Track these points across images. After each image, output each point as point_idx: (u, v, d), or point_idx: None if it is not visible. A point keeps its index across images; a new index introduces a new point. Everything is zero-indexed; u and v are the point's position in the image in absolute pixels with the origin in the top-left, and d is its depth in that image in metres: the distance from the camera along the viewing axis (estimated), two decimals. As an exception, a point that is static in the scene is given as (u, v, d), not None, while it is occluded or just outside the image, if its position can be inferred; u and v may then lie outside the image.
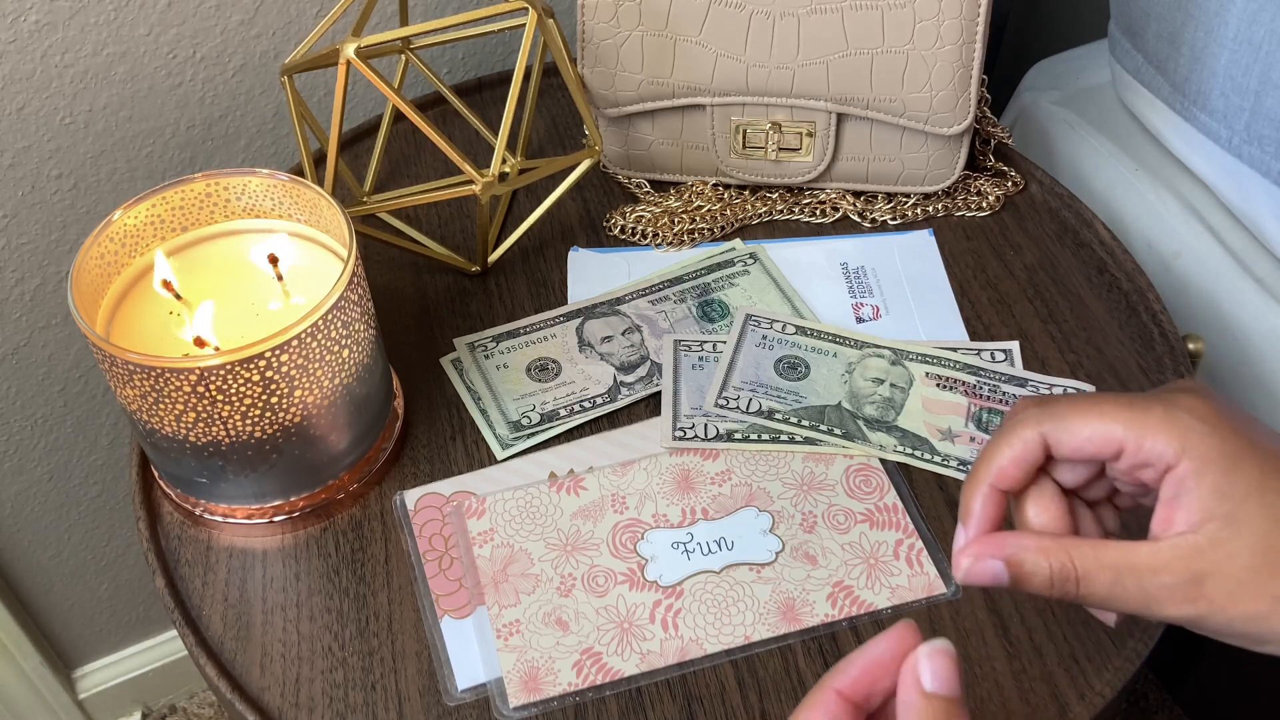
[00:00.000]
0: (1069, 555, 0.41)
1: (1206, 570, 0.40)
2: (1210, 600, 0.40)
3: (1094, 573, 0.41)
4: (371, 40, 0.63)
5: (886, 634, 0.38)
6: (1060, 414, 0.42)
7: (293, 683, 0.55)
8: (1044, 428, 0.42)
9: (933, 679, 0.37)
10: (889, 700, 0.38)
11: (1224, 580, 0.39)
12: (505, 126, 0.65)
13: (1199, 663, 1.05)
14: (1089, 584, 0.41)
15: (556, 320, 0.69)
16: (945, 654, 0.37)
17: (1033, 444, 0.43)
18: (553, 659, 0.54)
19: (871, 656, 0.38)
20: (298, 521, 0.60)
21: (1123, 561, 0.41)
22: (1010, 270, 0.71)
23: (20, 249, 0.83)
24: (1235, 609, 0.40)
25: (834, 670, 0.38)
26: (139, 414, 0.55)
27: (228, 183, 0.60)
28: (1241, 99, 0.72)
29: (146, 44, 0.78)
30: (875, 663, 0.38)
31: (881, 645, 0.38)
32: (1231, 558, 0.39)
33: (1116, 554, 0.41)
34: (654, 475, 0.61)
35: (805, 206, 0.75)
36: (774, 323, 0.67)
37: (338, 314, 0.54)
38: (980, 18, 0.66)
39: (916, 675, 0.37)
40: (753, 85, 0.70)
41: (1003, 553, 0.42)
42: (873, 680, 0.38)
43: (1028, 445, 0.43)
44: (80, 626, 1.11)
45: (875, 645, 0.38)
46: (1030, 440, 0.43)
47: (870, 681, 0.38)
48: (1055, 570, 0.41)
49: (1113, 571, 0.41)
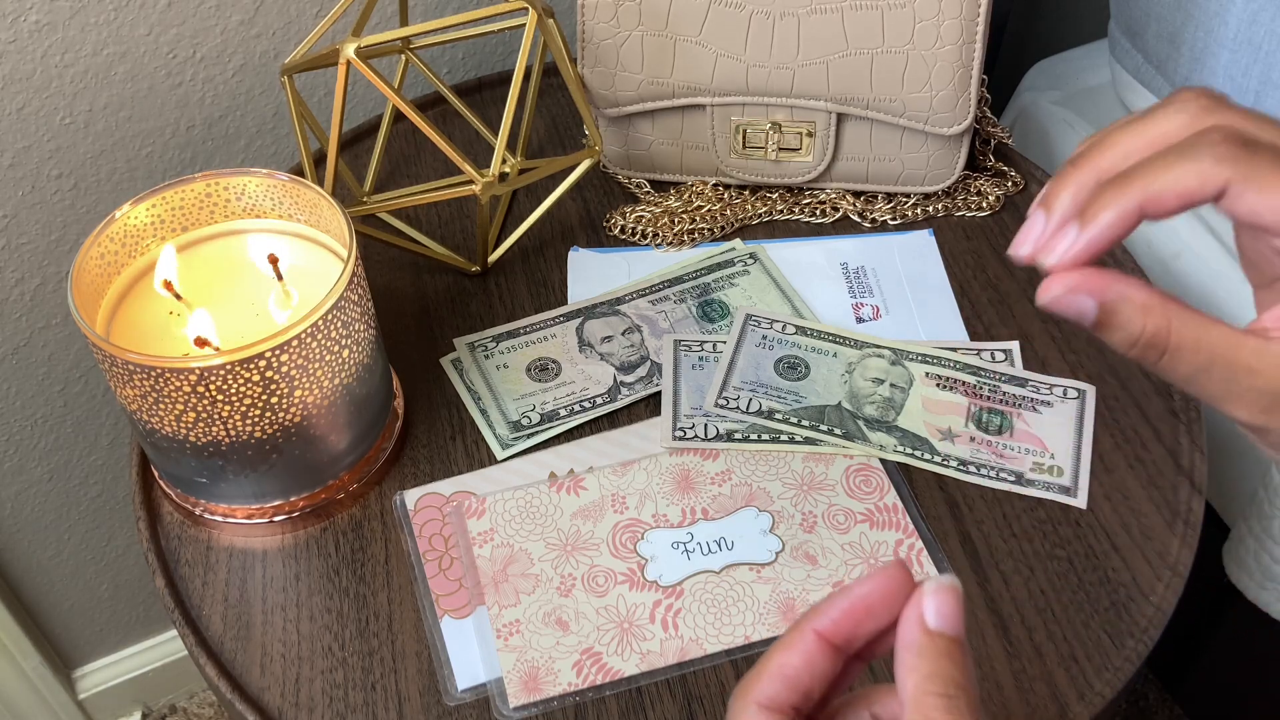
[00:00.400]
0: (1169, 323, 0.36)
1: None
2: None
3: (1187, 351, 0.36)
4: (371, 40, 0.63)
5: (874, 574, 0.36)
6: (1261, 170, 0.35)
7: (293, 683, 0.55)
8: (1237, 174, 0.35)
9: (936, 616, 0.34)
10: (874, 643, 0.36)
11: None
12: (505, 126, 0.65)
13: (1199, 663, 1.05)
14: (1174, 359, 0.36)
15: (556, 320, 0.69)
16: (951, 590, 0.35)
17: (1212, 186, 0.35)
18: (553, 659, 0.54)
19: (856, 598, 0.35)
20: (298, 521, 0.60)
21: (1222, 350, 0.36)
22: (1010, 270, 0.71)
23: (20, 249, 0.83)
24: None
25: (814, 610, 0.36)
26: (139, 414, 0.55)
27: (228, 183, 0.60)
28: (1241, 99, 0.72)
29: (146, 44, 0.78)
30: (859, 604, 0.35)
31: (867, 586, 0.35)
32: None
33: (1219, 339, 0.36)
34: (654, 475, 0.61)
35: (805, 206, 0.75)
36: (774, 323, 0.67)
37: (338, 314, 0.54)
38: (980, 18, 0.66)
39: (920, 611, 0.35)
40: (753, 85, 0.70)
41: (1106, 295, 0.36)
42: (855, 623, 0.35)
43: (1206, 184, 0.35)
44: (80, 626, 1.11)
45: (860, 586, 0.35)
46: (1213, 180, 0.35)
47: (853, 624, 0.35)
48: (1148, 333, 0.36)
49: (1207, 357, 0.36)
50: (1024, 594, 0.57)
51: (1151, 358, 0.37)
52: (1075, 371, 0.66)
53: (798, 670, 0.35)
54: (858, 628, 0.35)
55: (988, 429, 0.62)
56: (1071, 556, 0.58)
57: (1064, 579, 0.57)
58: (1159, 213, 0.36)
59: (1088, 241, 0.37)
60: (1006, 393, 0.64)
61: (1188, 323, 0.36)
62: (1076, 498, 0.60)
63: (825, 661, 0.35)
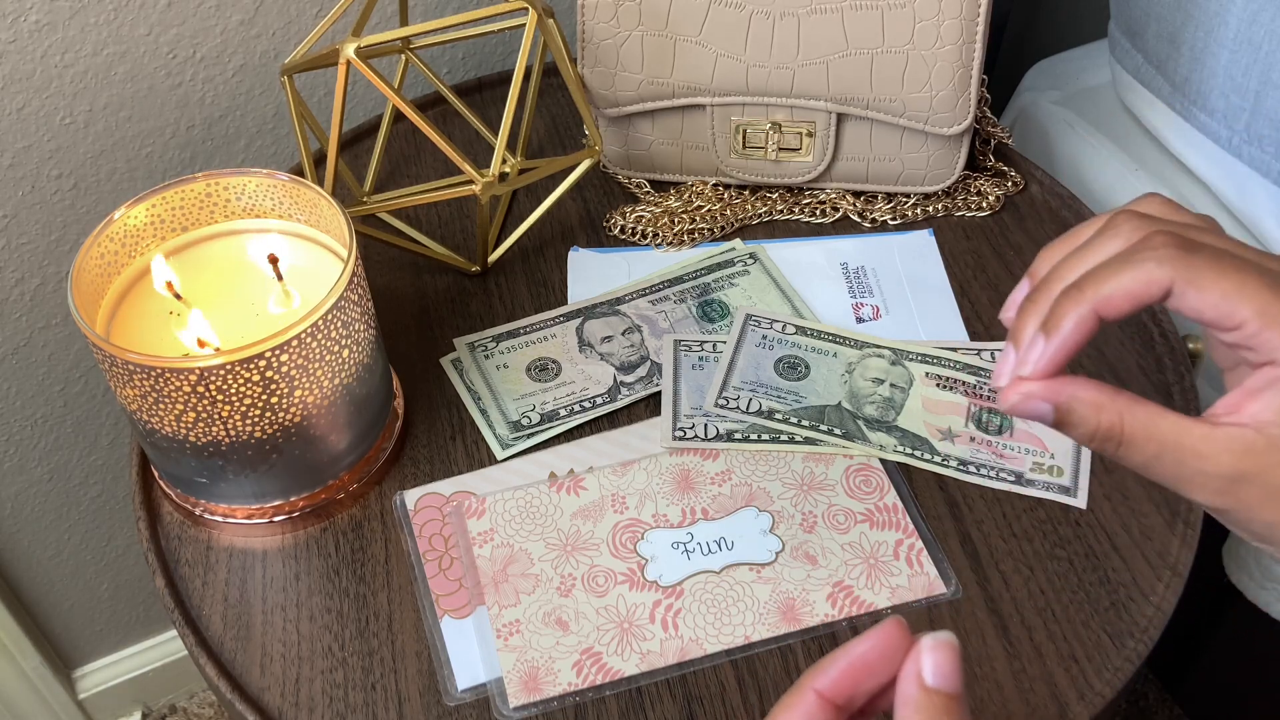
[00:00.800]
0: (1121, 417, 0.40)
1: (1251, 472, 0.38)
2: (1241, 500, 0.39)
3: (1140, 441, 0.39)
4: (371, 40, 0.63)
5: (872, 632, 0.36)
6: (1199, 270, 0.38)
7: (293, 683, 0.55)
8: (1178, 275, 0.38)
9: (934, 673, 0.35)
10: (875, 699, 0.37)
11: (1263, 487, 0.38)
12: (505, 126, 0.65)
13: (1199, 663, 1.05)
14: (1130, 449, 0.40)
15: (556, 320, 0.69)
16: (949, 647, 0.35)
17: (1157, 287, 0.39)
18: (553, 659, 0.54)
19: (854, 656, 0.36)
20: (298, 521, 0.60)
21: (1172, 438, 0.39)
22: (1010, 270, 0.71)
23: (20, 249, 0.83)
24: (1262, 515, 0.39)
25: (814, 669, 0.36)
26: (139, 414, 0.55)
27: (228, 183, 0.60)
28: (1241, 99, 0.72)
29: (146, 44, 0.78)
30: (858, 663, 0.36)
31: (866, 644, 0.36)
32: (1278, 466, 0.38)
33: (1168, 428, 0.39)
34: (654, 475, 0.61)
35: (805, 206, 0.75)
36: (774, 323, 0.67)
37: (338, 314, 0.54)
38: (980, 18, 0.66)
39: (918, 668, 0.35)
40: (753, 85, 0.70)
41: (1057, 398, 0.40)
42: (855, 681, 0.36)
43: (1151, 285, 0.39)
44: (80, 626, 1.11)
45: (859, 644, 0.36)
46: (1157, 283, 0.39)
47: (853, 683, 0.36)
48: (1102, 428, 0.40)
49: (1158, 446, 0.39)
50: (1024, 594, 0.57)
51: (1110, 449, 0.40)
52: (1075, 371, 0.65)
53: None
54: (857, 686, 0.36)
55: (988, 429, 0.62)
56: (1071, 556, 0.58)
57: (1064, 579, 0.57)
58: (1113, 315, 0.40)
59: (1055, 349, 0.40)
60: (1006, 393, 0.64)
61: (1138, 415, 0.40)
62: (1076, 498, 0.60)
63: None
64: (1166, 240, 0.40)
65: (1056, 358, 0.41)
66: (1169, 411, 0.39)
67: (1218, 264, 0.39)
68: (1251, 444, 0.38)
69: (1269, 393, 0.38)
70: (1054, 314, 0.41)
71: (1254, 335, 0.38)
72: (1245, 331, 0.38)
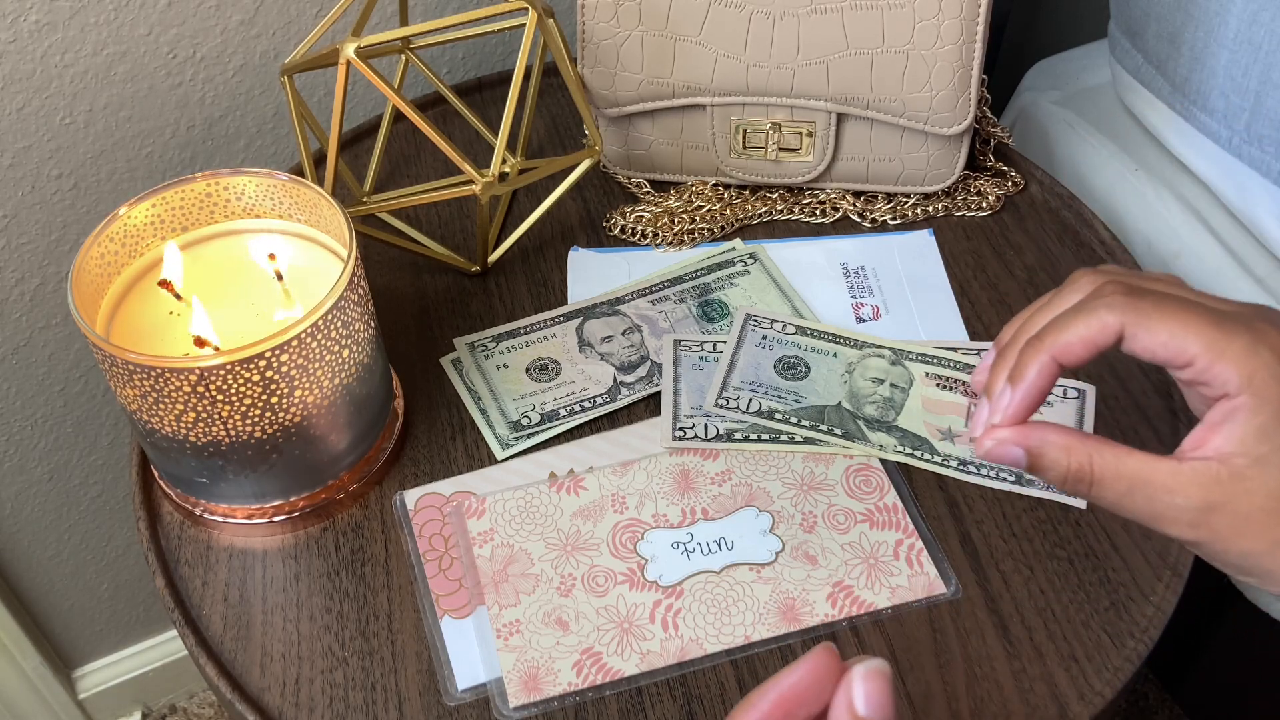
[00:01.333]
0: (1090, 458, 0.42)
1: (1220, 502, 0.40)
2: (1214, 530, 0.40)
3: (1109, 480, 0.41)
4: (371, 40, 0.63)
5: (803, 661, 0.36)
6: (1145, 312, 0.41)
7: (293, 683, 0.55)
8: (1126, 319, 0.41)
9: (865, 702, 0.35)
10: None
11: (1233, 515, 0.40)
12: (505, 126, 0.65)
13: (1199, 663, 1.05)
14: (1101, 488, 0.42)
15: (556, 320, 0.69)
16: (879, 674, 0.36)
17: (1110, 331, 0.42)
18: (553, 659, 0.54)
19: (785, 687, 0.36)
20: (298, 521, 0.60)
21: (1140, 475, 0.41)
22: (1010, 270, 0.71)
23: (20, 249, 0.83)
24: (1236, 544, 0.40)
25: (745, 702, 0.36)
26: (139, 414, 0.55)
27: (228, 183, 0.60)
28: (1241, 99, 0.72)
29: (146, 44, 0.78)
30: (789, 693, 0.36)
31: (796, 674, 0.36)
32: (1247, 495, 0.40)
33: (1136, 466, 0.41)
34: (654, 475, 0.61)
35: (805, 206, 0.75)
36: (774, 323, 0.67)
37: (338, 314, 0.54)
38: (980, 18, 0.66)
39: (849, 697, 0.35)
40: (753, 85, 0.70)
41: (1028, 442, 0.43)
42: (787, 711, 0.36)
43: (1105, 330, 0.42)
44: (80, 626, 1.11)
45: (790, 675, 0.36)
46: (1110, 326, 0.42)
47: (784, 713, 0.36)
48: (1073, 469, 0.42)
49: (1128, 483, 0.41)
50: (1024, 594, 0.57)
51: (1082, 490, 0.42)
52: (1075, 371, 0.66)
53: None
54: (790, 716, 0.36)
55: (988, 429, 0.62)
56: (1071, 556, 0.58)
57: (1064, 579, 0.57)
58: (1071, 361, 0.43)
59: (1021, 396, 0.43)
60: (1006, 393, 0.64)
61: (1106, 455, 0.42)
62: (1076, 498, 0.60)
63: None
64: (1116, 288, 0.43)
65: (1024, 404, 0.43)
66: (1136, 451, 0.42)
67: (1163, 306, 0.41)
68: (1216, 475, 0.40)
69: (1227, 425, 0.40)
70: (1019, 364, 0.43)
71: (1205, 370, 0.40)
72: (1197, 367, 0.41)
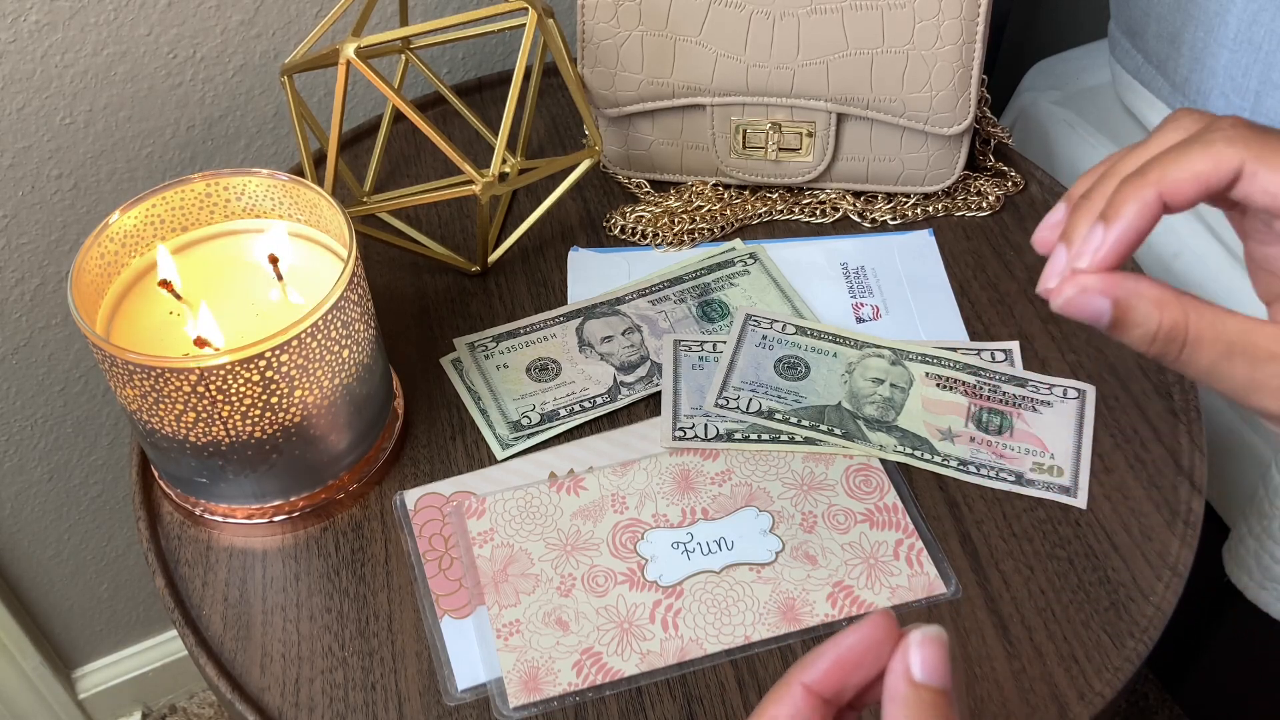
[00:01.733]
0: (1186, 315, 0.36)
1: None
2: None
3: (1206, 341, 0.36)
4: (371, 40, 0.63)
5: (860, 625, 0.35)
6: (1270, 147, 0.36)
7: (293, 683, 0.55)
8: (1250, 154, 0.36)
9: (922, 668, 0.34)
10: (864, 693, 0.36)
11: None
12: (505, 126, 0.65)
13: (1199, 663, 1.05)
14: (1195, 351, 0.37)
15: (556, 320, 0.69)
16: (937, 642, 0.34)
17: (1228, 168, 0.36)
18: (553, 659, 0.54)
19: (843, 649, 0.35)
20: (298, 521, 0.60)
21: (1241, 339, 0.36)
22: (1010, 270, 0.71)
23: (20, 249, 0.83)
24: None
25: (801, 663, 0.36)
26: (139, 414, 0.55)
27: (228, 183, 0.60)
28: (1241, 99, 0.72)
29: (146, 44, 0.78)
30: (847, 656, 0.35)
31: (854, 637, 0.35)
32: None
33: (1236, 328, 0.36)
34: (654, 475, 0.61)
35: (805, 206, 0.75)
36: (774, 323, 0.67)
37: (338, 314, 0.54)
38: (980, 18, 0.66)
39: (906, 663, 0.34)
40: (753, 85, 0.70)
41: (1117, 292, 0.37)
42: (844, 675, 0.35)
43: (1222, 167, 0.36)
44: (80, 626, 1.11)
45: (847, 637, 0.35)
46: (1227, 162, 0.36)
47: (841, 676, 0.35)
48: (1165, 328, 0.36)
49: (1226, 346, 0.36)
50: (1024, 594, 0.57)
51: (1172, 352, 0.37)
52: (1075, 371, 0.66)
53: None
54: (846, 679, 0.35)
55: (988, 429, 0.62)
56: (1071, 556, 0.58)
57: (1064, 579, 0.57)
58: (1179, 201, 0.37)
59: (1116, 237, 0.37)
60: (1006, 393, 0.64)
61: (1204, 314, 0.36)
62: (1076, 498, 0.60)
63: (815, 714, 0.35)
64: (1235, 122, 0.37)
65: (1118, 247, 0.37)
66: (1235, 312, 0.37)
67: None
68: None
69: None
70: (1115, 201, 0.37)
71: None
72: None
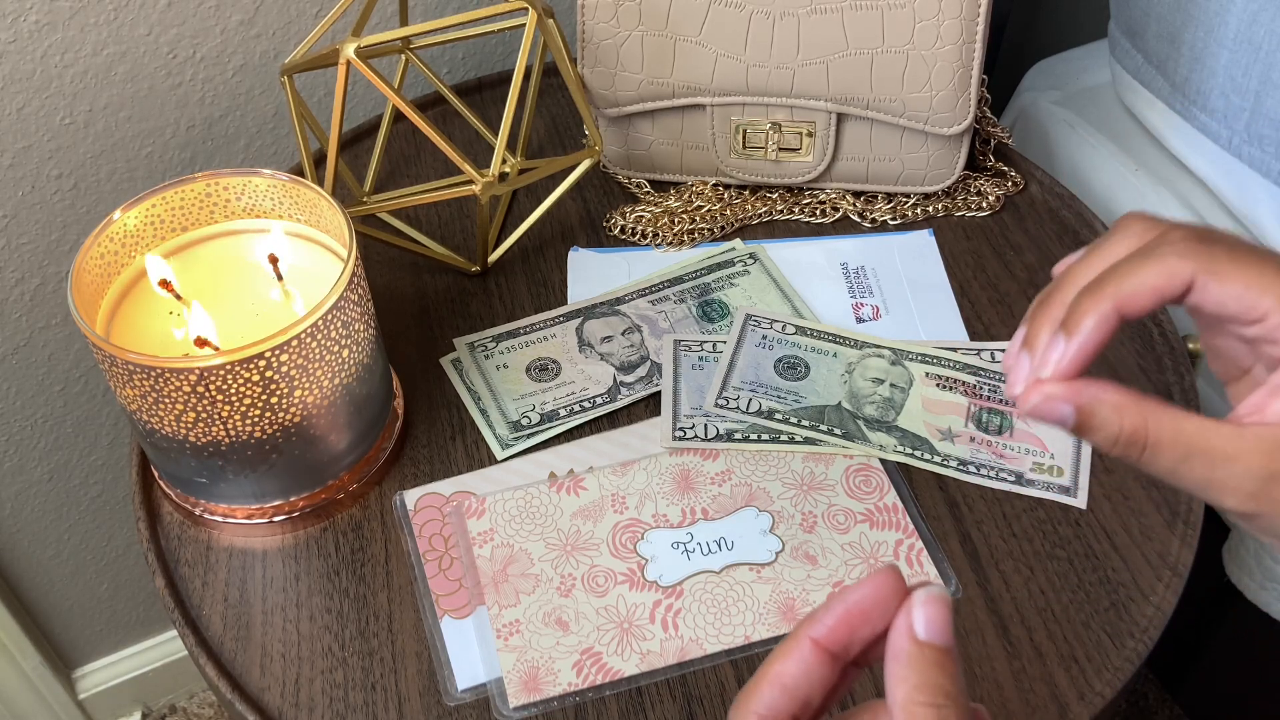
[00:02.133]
0: (1145, 420, 0.38)
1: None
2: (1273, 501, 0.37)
3: (1165, 445, 0.38)
4: (371, 40, 0.63)
5: (868, 580, 0.36)
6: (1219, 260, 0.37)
7: (293, 683, 0.55)
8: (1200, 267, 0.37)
9: (926, 626, 0.35)
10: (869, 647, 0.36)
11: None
12: (505, 126, 0.65)
13: (1199, 663, 1.05)
14: (1155, 454, 0.38)
15: (556, 320, 0.69)
16: (940, 600, 0.35)
17: (1179, 280, 0.38)
18: (553, 659, 0.54)
19: (851, 603, 0.36)
20: (298, 521, 0.60)
21: (1199, 441, 0.37)
22: (1010, 270, 0.71)
23: (20, 249, 0.83)
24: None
25: (810, 618, 0.36)
26: (139, 414, 0.55)
27: (228, 183, 0.60)
28: (1241, 99, 0.72)
29: (146, 44, 0.78)
30: (854, 610, 0.35)
31: (862, 591, 0.36)
32: None
33: (1194, 431, 0.37)
34: (654, 475, 0.61)
35: (805, 206, 0.75)
36: (774, 323, 0.67)
37: (338, 314, 0.54)
38: (980, 18, 0.66)
39: (909, 620, 0.35)
40: (753, 85, 0.70)
41: (1079, 399, 0.38)
42: (851, 629, 0.35)
43: (1173, 280, 0.38)
44: (80, 626, 1.11)
45: (855, 591, 0.36)
46: (1179, 275, 0.37)
47: (849, 630, 0.36)
48: (1126, 432, 0.38)
49: (1185, 449, 0.37)
50: (1024, 594, 0.57)
51: (1134, 454, 0.38)
52: (1075, 371, 0.65)
53: (795, 679, 0.35)
54: (853, 634, 0.36)
55: (988, 429, 0.62)
56: (1071, 556, 0.58)
57: (1064, 579, 0.57)
58: (1134, 312, 0.38)
59: (1077, 349, 0.39)
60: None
61: (1163, 418, 0.38)
62: (1076, 498, 0.60)
63: (822, 669, 0.35)
64: (1185, 234, 0.38)
65: (1079, 358, 0.39)
66: (1193, 414, 0.38)
67: (1236, 255, 0.38)
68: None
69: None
70: (1073, 313, 0.39)
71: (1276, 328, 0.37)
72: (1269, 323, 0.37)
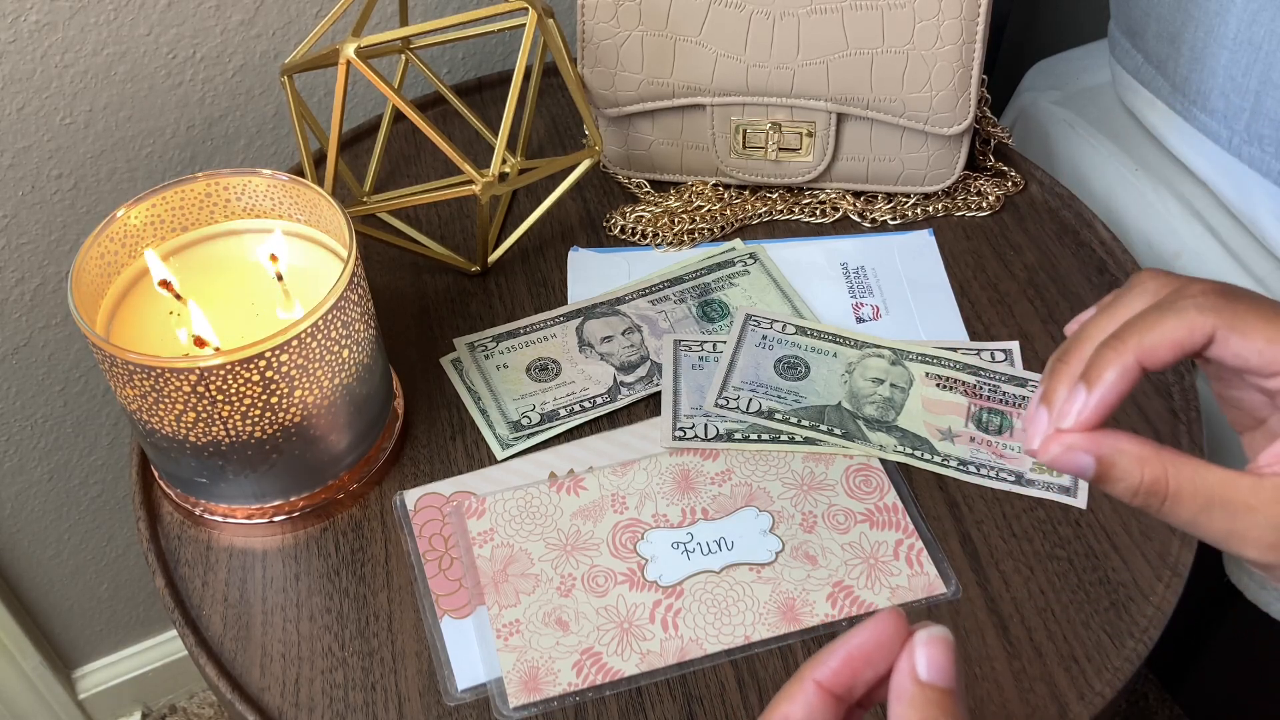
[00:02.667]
0: (1166, 471, 0.38)
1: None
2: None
3: (1186, 495, 0.38)
4: (371, 40, 0.63)
5: (870, 622, 0.36)
6: (1240, 315, 0.38)
7: (293, 683, 0.55)
8: (1221, 321, 0.38)
9: (928, 667, 0.35)
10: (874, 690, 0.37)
11: None
12: (505, 126, 0.65)
13: (1199, 663, 1.05)
14: (1176, 504, 0.38)
15: (556, 320, 0.69)
16: (942, 642, 0.35)
17: (1200, 334, 0.38)
18: (553, 659, 0.54)
19: (854, 646, 0.36)
20: (298, 521, 0.60)
21: (1220, 492, 0.38)
22: (1010, 270, 0.71)
23: (20, 249, 0.83)
24: None
25: (813, 660, 0.36)
26: (139, 414, 0.55)
27: (228, 183, 0.60)
28: (1241, 99, 0.72)
29: (146, 44, 0.78)
30: (857, 653, 0.36)
31: (865, 634, 0.36)
32: None
33: (1215, 481, 0.38)
34: (654, 475, 0.61)
35: (805, 206, 0.75)
36: (774, 323, 0.67)
37: (338, 314, 0.54)
38: (980, 18, 0.66)
39: (912, 662, 0.35)
40: (753, 85, 0.70)
41: (1100, 450, 0.39)
42: (855, 671, 0.36)
43: (1194, 333, 0.38)
44: (80, 626, 1.11)
45: (858, 635, 0.36)
46: (1200, 329, 0.38)
47: (852, 673, 0.36)
48: (1147, 483, 0.38)
49: (1205, 499, 0.38)
50: (1024, 594, 0.57)
51: (1154, 505, 0.39)
52: (1075, 371, 0.65)
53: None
54: (856, 676, 0.36)
55: (988, 429, 0.62)
56: (1071, 556, 0.58)
57: (1064, 579, 0.57)
58: (1156, 365, 0.39)
59: (1099, 400, 0.39)
60: (1006, 393, 0.64)
61: (1183, 469, 0.38)
62: (1076, 498, 0.60)
63: (826, 711, 0.36)
64: (1205, 289, 0.39)
65: (1100, 409, 0.39)
66: (1214, 465, 0.38)
67: (1259, 309, 0.38)
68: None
69: None
70: (1094, 365, 0.39)
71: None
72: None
